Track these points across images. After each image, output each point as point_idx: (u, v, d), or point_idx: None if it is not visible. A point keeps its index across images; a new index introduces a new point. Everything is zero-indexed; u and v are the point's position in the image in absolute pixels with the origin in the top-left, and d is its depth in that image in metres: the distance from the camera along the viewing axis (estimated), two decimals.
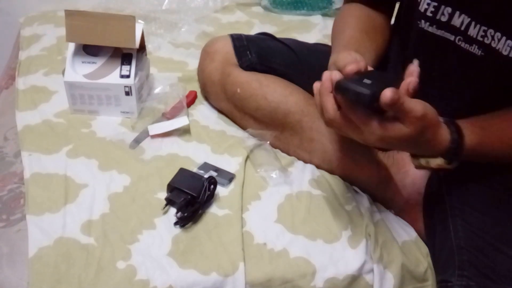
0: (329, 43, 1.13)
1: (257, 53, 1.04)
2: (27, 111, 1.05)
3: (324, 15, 1.61)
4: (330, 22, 1.56)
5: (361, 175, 0.91)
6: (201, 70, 1.10)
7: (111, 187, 0.87)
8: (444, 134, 0.67)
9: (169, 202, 0.83)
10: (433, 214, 0.82)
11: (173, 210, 0.82)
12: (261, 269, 0.76)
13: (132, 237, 0.78)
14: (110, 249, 0.76)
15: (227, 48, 1.05)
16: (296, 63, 1.04)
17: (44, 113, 1.04)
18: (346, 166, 0.92)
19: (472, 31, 0.74)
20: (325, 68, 0.79)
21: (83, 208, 0.82)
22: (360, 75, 0.63)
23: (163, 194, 0.85)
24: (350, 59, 0.67)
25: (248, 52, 1.04)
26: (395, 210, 0.90)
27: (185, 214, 0.80)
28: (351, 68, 0.64)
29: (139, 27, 1.04)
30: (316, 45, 1.15)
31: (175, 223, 0.80)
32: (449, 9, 0.75)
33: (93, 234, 0.78)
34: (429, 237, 0.82)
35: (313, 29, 1.52)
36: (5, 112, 1.07)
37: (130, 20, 0.99)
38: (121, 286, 0.71)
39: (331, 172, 0.94)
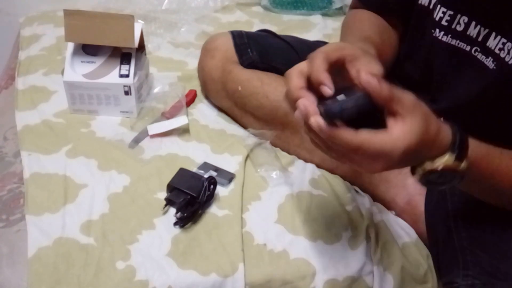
0: (330, 42, 1.13)
1: (258, 51, 1.03)
2: (27, 111, 1.04)
3: (324, 15, 1.61)
4: (330, 22, 1.57)
5: (361, 175, 0.91)
6: (201, 68, 1.10)
7: (111, 187, 0.87)
8: (445, 126, 0.57)
9: (169, 202, 0.83)
10: (435, 215, 0.81)
11: (172, 210, 0.82)
12: (261, 270, 0.76)
13: (132, 237, 0.78)
14: (109, 249, 0.76)
15: (228, 45, 1.04)
16: (297, 62, 1.03)
17: (43, 113, 1.04)
18: (347, 166, 0.91)
19: (492, 42, 0.70)
20: None
21: (82, 208, 0.82)
22: (328, 97, 0.55)
23: (162, 194, 0.85)
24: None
25: (249, 50, 1.03)
26: (396, 211, 0.89)
27: (185, 214, 0.79)
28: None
29: (138, 27, 1.03)
30: (317, 43, 1.13)
31: (175, 224, 0.80)
32: (465, 18, 0.72)
33: (93, 234, 0.78)
34: (431, 238, 0.82)
35: (313, 29, 1.51)
36: (5, 112, 1.07)
37: (129, 20, 0.98)
38: (120, 287, 0.71)
39: (331, 171, 0.94)
